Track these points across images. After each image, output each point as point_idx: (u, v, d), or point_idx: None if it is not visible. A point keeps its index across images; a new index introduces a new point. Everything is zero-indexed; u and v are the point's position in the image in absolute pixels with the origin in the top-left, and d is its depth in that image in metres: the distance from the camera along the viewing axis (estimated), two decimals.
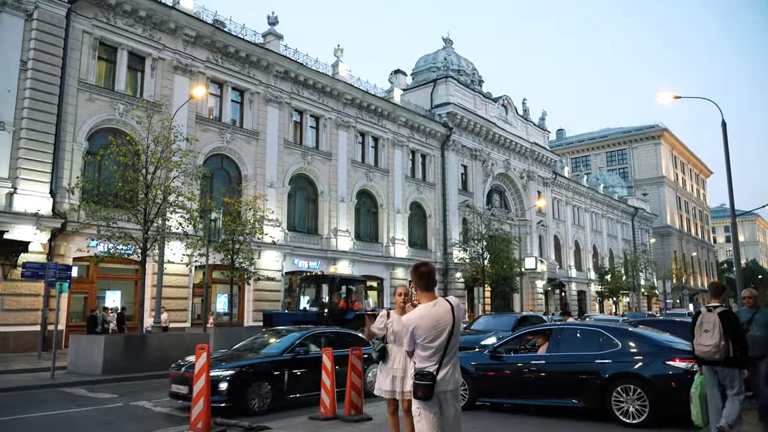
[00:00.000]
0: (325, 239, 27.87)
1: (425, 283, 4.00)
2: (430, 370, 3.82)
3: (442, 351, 3.84)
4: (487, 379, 9.00)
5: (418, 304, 4.05)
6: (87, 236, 17.83)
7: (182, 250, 18.95)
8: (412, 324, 3.87)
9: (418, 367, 3.88)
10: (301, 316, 17.24)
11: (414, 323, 3.87)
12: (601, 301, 52.51)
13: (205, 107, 23.83)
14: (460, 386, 4.15)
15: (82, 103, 19.60)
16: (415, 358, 3.93)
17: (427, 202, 34.63)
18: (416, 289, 4.07)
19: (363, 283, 18.22)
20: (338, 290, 17.30)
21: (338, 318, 16.13)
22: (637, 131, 76.71)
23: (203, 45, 23.47)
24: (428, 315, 3.86)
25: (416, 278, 4.03)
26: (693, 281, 73.12)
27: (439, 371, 3.82)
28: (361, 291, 18.31)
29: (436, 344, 3.83)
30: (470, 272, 33.08)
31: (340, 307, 17.06)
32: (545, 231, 45.48)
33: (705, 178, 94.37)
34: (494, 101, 41.25)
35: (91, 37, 20.10)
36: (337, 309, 16.76)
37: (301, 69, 27.14)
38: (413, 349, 3.92)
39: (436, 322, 3.84)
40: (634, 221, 63.05)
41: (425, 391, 3.79)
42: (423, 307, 3.92)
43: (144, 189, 16.37)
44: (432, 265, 4.10)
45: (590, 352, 8.32)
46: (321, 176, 28.09)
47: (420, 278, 4.01)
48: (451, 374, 3.88)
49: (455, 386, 3.91)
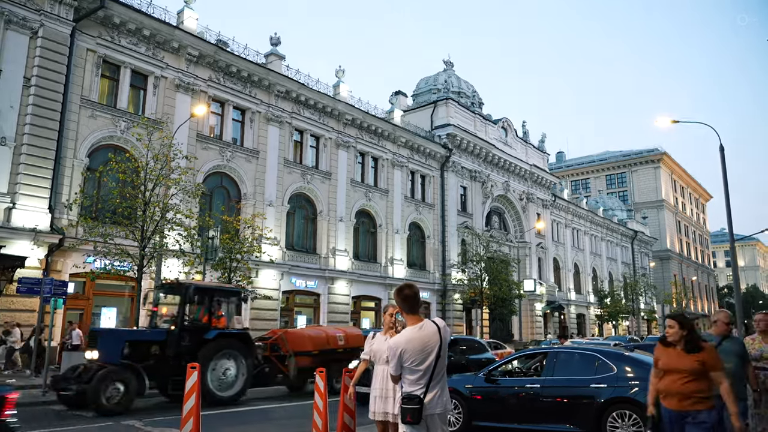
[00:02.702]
0: (324, 258, 27.81)
1: (410, 305, 3.97)
2: (417, 393, 3.79)
3: (429, 374, 3.81)
4: (482, 402, 8.92)
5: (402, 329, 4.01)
6: (84, 252, 17.84)
7: (179, 268, 18.92)
8: (399, 347, 3.84)
9: (405, 390, 3.84)
10: (139, 334, 13.48)
11: (402, 346, 3.83)
12: (600, 324, 52.20)
13: (206, 125, 23.96)
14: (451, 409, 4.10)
15: (84, 119, 19.72)
16: (402, 381, 3.89)
17: (426, 222, 34.63)
18: (401, 313, 4.04)
19: (237, 294, 14.24)
20: (196, 302, 12.99)
21: (194, 338, 12.23)
22: (637, 155, 77.03)
23: (206, 64, 23.69)
24: (415, 338, 3.84)
25: (400, 301, 3.99)
26: (693, 306, 72.79)
27: (427, 394, 3.79)
28: (234, 304, 14.19)
29: (423, 367, 3.80)
30: (468, 294, 32.94)
31: (197, 324, 12.89)
32: (544, 253, 45.39)
33: (705, 202, 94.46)
34: (494, 123, 41.48)
35: (95, 55, 20.29)
36: (191, 326, 12.60)
37: (303, 89, 27.35)
38: (399, 373, 3.87)
39: (424, 344, 3.82)
40: (633, 244, 62.96)
41: (413, 415, 3.75)
42: (410, 329, 3.89)
43: (142, 206, 16.45)
44: (416, 288, 4.06)
45: (586, 376, 8.26)
46: (320, 195, 28.13)
47: (405, 301, 3.97)
48: (439, 397, 3.84)
49: (443, 409, 3.87)
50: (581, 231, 53.15)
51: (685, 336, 4.79)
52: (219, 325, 12.99)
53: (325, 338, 14.59)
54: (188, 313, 12.79)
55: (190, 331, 12.34)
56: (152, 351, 12.06)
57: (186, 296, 12.41)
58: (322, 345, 14.31)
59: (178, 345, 11.95)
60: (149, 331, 13.18)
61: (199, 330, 12.51)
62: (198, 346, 12.03)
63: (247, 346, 12.97)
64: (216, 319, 13.13)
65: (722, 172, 18.58)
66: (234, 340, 12.72)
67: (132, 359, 11.40)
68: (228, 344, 12.52)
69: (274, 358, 14.09)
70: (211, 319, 12.95)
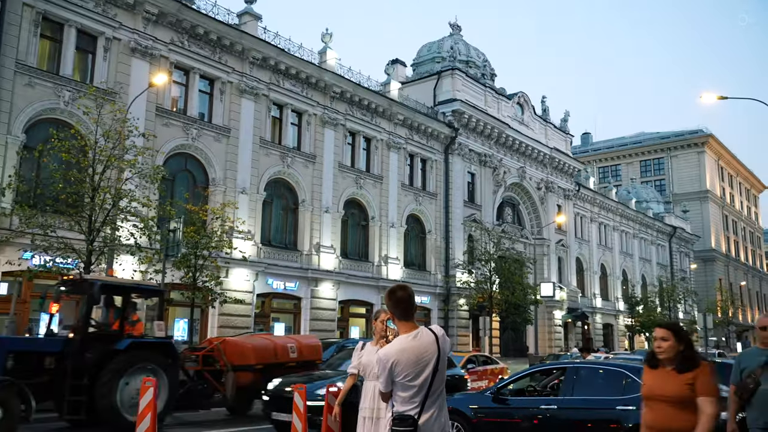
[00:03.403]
0: (306, 256, 27.84)
1: (403, 310, 3.96)
2: (411, 413, 3.78)
3: (425, 390, 3.80)
4: (489, 425, 8.96)
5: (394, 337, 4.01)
6: (19, 246, 17.71)
7: (134, 266, 18.89)
8: (391, 358, 3.81)
9: (397, 410, 3.84)
10: (27, 343, 12.39)
11: (393, 357, 3.81)
12: (631, 336, 52.51)
13: (168, 98, 23.86)
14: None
15: (20, 88, 19.58)
16: (394, 399, 3.89)
17: (427, 215, 34.68)
18: (393, 319, 4.02)
19: (158, 294, 13.46)
20: (103, 304, 12.08)
21: (100, 348, 11.23)
22: (677, 137, 77.28)
23: (167, 24, 23.56)
24: (409, 348, 3.83)
25: (392, 305, 3.97)
26: (741, 315, 73.31)
27: (422, 415, 3.79)
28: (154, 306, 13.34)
29: (418, 382, 3.79)
30: (476, 299, 33.06)
31: (106, 331, 11.99)
32: (566, 252, 45.58)
33: (757, 194, 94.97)
34: (508, 99, 41.54)
35: (33, 11, 20.11)
36: (97, 333, 11.68)
37: (282, 56, 27.26)
38: (390, 390, 3.87)
39: (419, 356, 3.81)
40: (671, 243, 63.33)
41: None
42: (403, 338, 3.88)
43: (90, 192, 16.39)
44: (411, 290, 4.05)
45: (611, 396, 8.30)
46: (303, 182, 28.12)
47: (397, 305, 3.96)
48: (436, 418, 3.85)
49: None
50: (609, 226, 53.36)
51: (683, 352, 4.23)
52: (134, 333, 12.19)
53: (273, 349, 13.86)
54: (95, 317, 11.86)
55: (96, 339, 11.39)
56: (46, 365, 10.99)
57: (90, 296, 11.36)
58: (269, 358, 13.59)
59: (80, 357, 10.90)
60: (43, 339, 12.07)
61: (108, 338, 11.58)
62: (106, 358, 11.01)
63: (170, 358, 12.06)
64: (130, 324, 12.30)
65: None
66: (153, 352, 11.84)
67: (16, 375, 10.17)
68: (145, 356, 11.58)
69: (208, 373, 13.36)
70: (124, 324, 12.08)
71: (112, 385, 10.73)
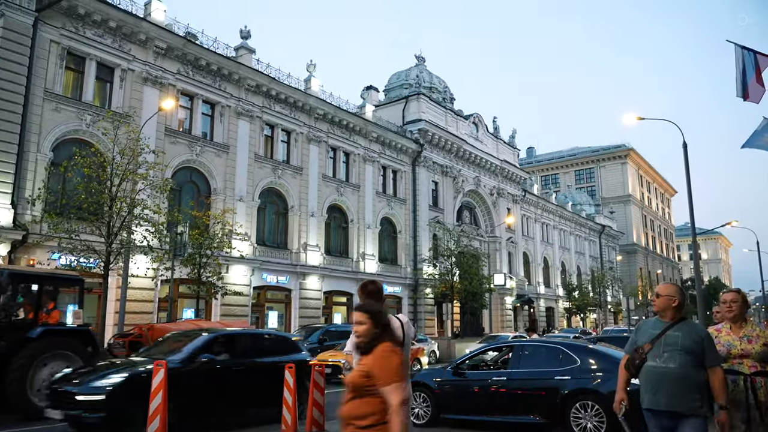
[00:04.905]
0: (295, 254, 27.74)
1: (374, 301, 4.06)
2: None
3: None
4: (450, 395, 9.08)
5: None
6: (48, 249, 17.49)
7: (147, 264, 18.71)
8: None
9: None
10: None
11: None
12: (568, 317, 53.22)
13: (175, 120, 23.63)
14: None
15: (48, 113, 19.26)
16: None
17: (398, 217, 34.78)
18: None
19: (77, 283, 11.93)
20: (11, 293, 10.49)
21: (12, 337, 9.87)
22: (605, 151, 78.60)
23: (174, 57, 23.34)
24: None
25: (364, 297, 4.09)
26: None
27: None
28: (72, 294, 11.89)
29: None
30: (440, 288, 33.24)
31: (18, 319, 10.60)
32: (514, 248, 46.00)
33: (670, 197, 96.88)
34: (465, 119, 41.80)
35: (59, 46, 19.81)
36: (6, 323, 10.19)
37: (273, 83, 27.16)
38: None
39: None
40: (601, 239, 64.26)
41: None
42: None
43: (108, 201, 16.20)
44: (380, 284, 4.17)
45: (550, 368, 8.47)
46: (291, 190, 28.02)
47: (368, 297, 4.08)
48: None
49: None
50: (550, 226, 54.00)
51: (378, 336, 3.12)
52: (50, 321, 10.76)
53: None
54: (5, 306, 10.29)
55: (5, 328, 9.95)
56: None
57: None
58: None
59: None
60: None
61: (19, 327, 10.15)
62: (17, 347, 9.67)
63: (88, 346, 10.73)
64: (46, 314, 10.88)
65: (685, 167, 19.09)
66: (70, 339, 10.48)
67: None
68: (60, 344, 10.17)
69: None
70: (38, 313, 10.63)
71: (23, 372, 9.54)
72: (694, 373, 3.94)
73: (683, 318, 4.17)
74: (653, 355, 4.05)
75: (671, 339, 4.02)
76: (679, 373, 3.93)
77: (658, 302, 4.20)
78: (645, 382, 4.08)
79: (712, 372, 3.94)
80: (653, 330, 4.17)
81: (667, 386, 3.94)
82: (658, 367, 4.00)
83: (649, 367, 4.06)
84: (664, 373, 3.96)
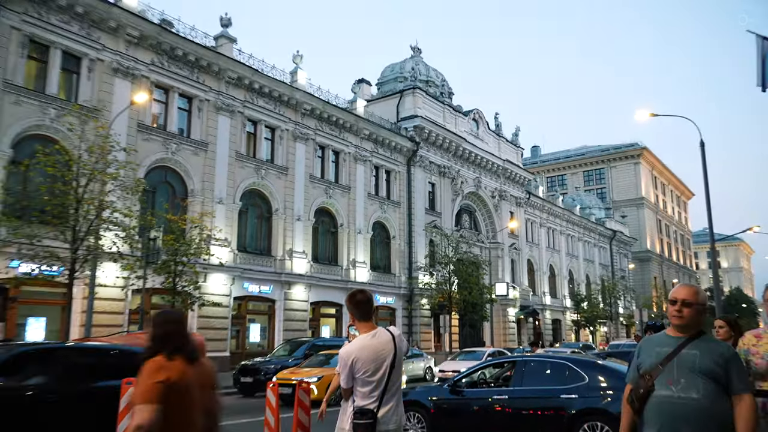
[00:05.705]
0: (279, 261, 27.63)
1: (363, 312, 4.02)
2: (370, 407, 3.82)
3: (383, 386, 3.85)
4: (447, 415, 9.02)
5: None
6: (7, 256, 17.31)
7: (117, 272, 18.57)
8: (351, 355, 3.88)
9: (357, 404, 3.88)
10: None
11: (354, 354, 3.87)
12: (577, 330, 53.26)
13: (149, 114, 23.53)
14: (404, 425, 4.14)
15: (8, 106, 19.11)
16: (354, 395, 3.92)
17: (392, 222, 34.74)
18: (352, 319, 4.08)
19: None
20: None
21: None
22: (616, 150, 78.82)
23: (148, 46, 23.24)
24: (368, 346, 3.88)
25: (353, 307, 4.04)
26: None
27: (380, 408, 3.82)
28: None
29: (376, 377, 3.84)
30: (437, 298, 33.19)
31: None
32: (518, 254, 46.07)
33: (687, 200, 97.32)
34: (465, 115, 41.87)
35: (21, 33, 19.68)
36: None
37: (256, 75, 27.11)
38: (351, 386, 3.91)
39: (377, 353, 3.86)
40: (612, 245, 64.46)
41: (365, 430, 3.78)
42: (362, 337, 3.94)
43: (74, 203, 16.08)
44: (369, 294, 4.13)
45: (556, 386, 8.43)
46: (276, 192, 27.94)
47: (357, 307, 4.03)
48: (393, 411, 3.89)
49: (397, 425, 3.92)
50: (557, 231, 54.11)
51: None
52: None
53: None
54: None
55: None
56: None
57: None
58: None
59: None
60: None
61: None
62: None
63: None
64: None
65: (702, 168, 19.18)
66: None
67: None
68: None
69: None
70: None
71: None
72: (722, 406, 3.08)
73: (702, 332, 3.29)
74: (664, 382, 3.18)
75: (687, 359, 3.17)
76: (703, 406, 3.06)
77: (687, 313, 3.27)
78: (654, 417, 3.18)
79: (739, 400, 3.08)
80: (662, 348, 3.30)
81: (689, 425, 3.07)
82: (674, 397, 3.13)
83: (661, 398, 3.17)
84: (684, 406, 3.09)
